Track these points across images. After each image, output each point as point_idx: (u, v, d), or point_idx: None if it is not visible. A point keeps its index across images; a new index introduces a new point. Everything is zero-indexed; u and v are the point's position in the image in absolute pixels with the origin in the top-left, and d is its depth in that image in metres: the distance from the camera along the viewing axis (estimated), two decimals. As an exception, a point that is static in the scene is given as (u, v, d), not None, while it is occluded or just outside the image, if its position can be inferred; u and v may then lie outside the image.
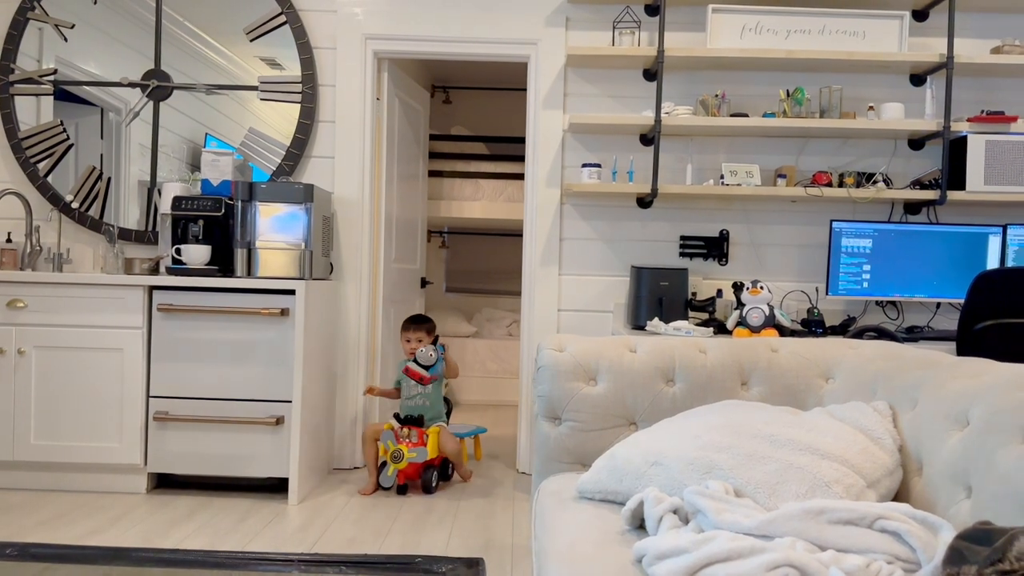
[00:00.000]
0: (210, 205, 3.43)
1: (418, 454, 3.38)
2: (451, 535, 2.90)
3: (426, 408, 3.56)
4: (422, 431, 3.44)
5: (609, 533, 1.47)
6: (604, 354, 2.01)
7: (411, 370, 3.52)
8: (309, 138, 3.85)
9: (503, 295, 6.62)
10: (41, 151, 3.83)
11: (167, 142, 3.87)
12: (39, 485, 3.32)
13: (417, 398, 3.56)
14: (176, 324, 3.29)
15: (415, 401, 3.56)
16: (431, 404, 3.57)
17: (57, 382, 3.26)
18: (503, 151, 6.03)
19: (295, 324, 3.25)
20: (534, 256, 3.82)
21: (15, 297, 3.25)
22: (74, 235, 3.87)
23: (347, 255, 3.86)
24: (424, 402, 3.56)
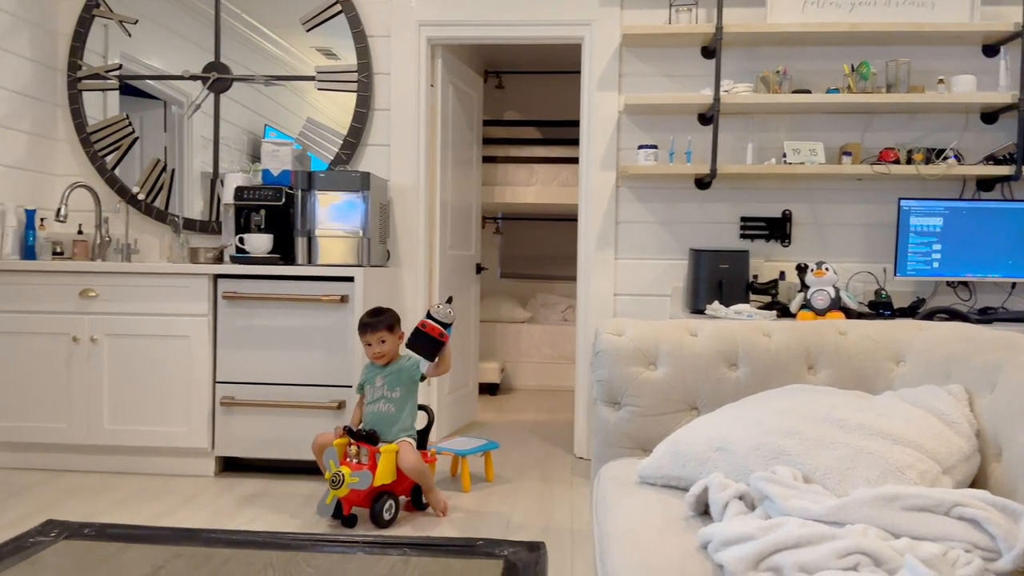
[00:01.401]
0: (271, 195, 3.49)
1: (360, 479, 2.67)
2: (511, 518, 2.91)
3: (389, 417, 2.91)
4: (375, 450, 2.75)
5: (672, 519, 1.45)
6: (664, 338, 1.98)
7: (429, 324, 2.90)
8: (365, 126, 3.88)
9: (558, 280, 6.60)
10: (108, 145, 3.95)
11: (228, 134, 3.95)
12: (113, 468, 3.44)
13: (380, 403, 2.93)
14: (240, 311, 3.36)
15: (377, 407, 2.93)
16: (396, 412, 2.92)
17: (128, 369, 3.37)
18: (556, 135, 5.99)
19: (354, 310, 3.30)
20: (589, 240, 3.79)
21: (87, 287, 3.37)
22: (141, 226, 3.98)
23: (403, 242, 3.89)
24: (388, 408, 2.92)
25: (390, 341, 2.96)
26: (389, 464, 2.75)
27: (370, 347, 2.95)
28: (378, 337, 2.94)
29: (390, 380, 2.94)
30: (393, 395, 2.93)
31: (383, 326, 2.94)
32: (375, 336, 2.93)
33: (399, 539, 1.55)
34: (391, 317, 2.99)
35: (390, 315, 2.99)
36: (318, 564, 1.41)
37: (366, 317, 2.97)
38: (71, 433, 3.38)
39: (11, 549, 1.42)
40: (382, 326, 2.94)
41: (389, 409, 2.93)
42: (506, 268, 6.73)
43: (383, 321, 2.95)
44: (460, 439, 3.50)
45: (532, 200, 5.71)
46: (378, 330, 2.94)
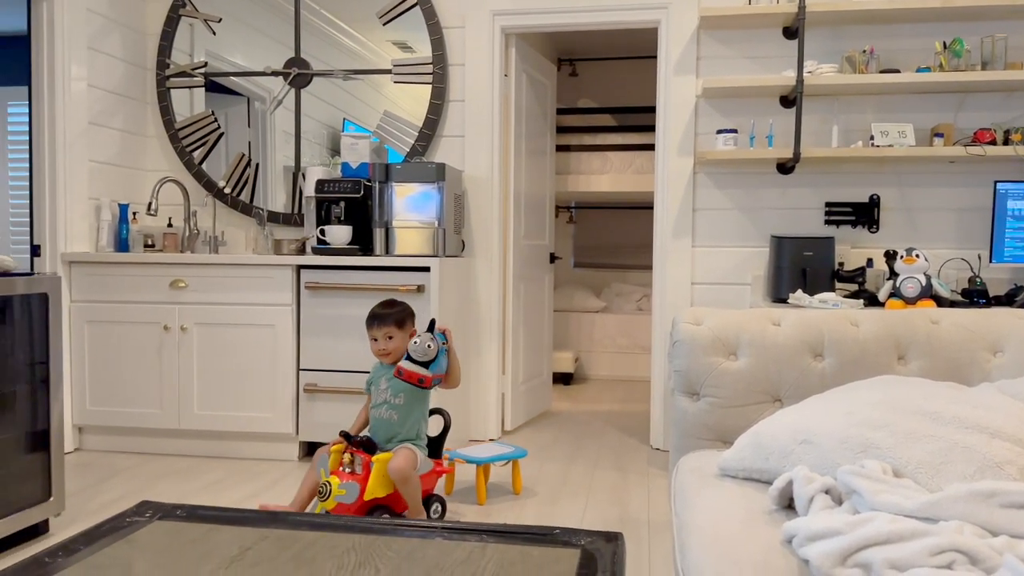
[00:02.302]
0: (350, 187, 3.56)
1: (348, 491, 2.43)
2: (586, 508, 2.91)
3: (391, 426, 2.60)
4: (369, 459, 2.49)
5: (754, 512, 1.42)
6: (745, 327, 1.94)
7: (405, 371, 2.54)
8: (440, 118, 3.91)
9: (632, 269, 6.52)
10: (195, 140, 4.10)
11: (308, 128, 4.05)
12: (202, 452, 3.58)
13: (383, 408, 2.61)
14: (321, 301, 3.45)
15: (379, 413, 2.62)
16: (400, 420, 2.60)
17: (216, 356, 3.50)
18: (631, 122, 5.91)
19: (430, 300, 3.33)
20: (666, 228, 3.73)
21: (177, 278, 3.51)
22: (227, 219, 4.12)
23: (478, 232, 3.91)
24: (391, 416, 2.60)
25: (398, 338, 2.65)
26: (382, 475, 2.47)
27: (375, 343, 2.66)
28: (385, 332, 2.65)
29: (395, 384, 2.61)
30: (397, 401, 2.60)
31: (392, 321, 2.66)
32: (382, 331, 2.65)
33: (477, 525, 1.56)
34: (403, 312, 2.70)
35: (402, 309, 2.71)
36: (398, 548, 1.43)
37: (375, 309, 2.71)
38: (163, 418, 3.53)
39: (109, 528, 1.49)
40: (391, 320, 2.65)
41: (392, 417, 2.60)
42: (579, 257, 6.70)
43: (393, 315, 2.67)
44: (487, 445, 3.12)
45: (606, 188, 5.66)
46: (386, 324, 2.65)
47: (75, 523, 2.68)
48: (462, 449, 3.04)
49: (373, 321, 2.66)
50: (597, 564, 1.42)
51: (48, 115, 3.50)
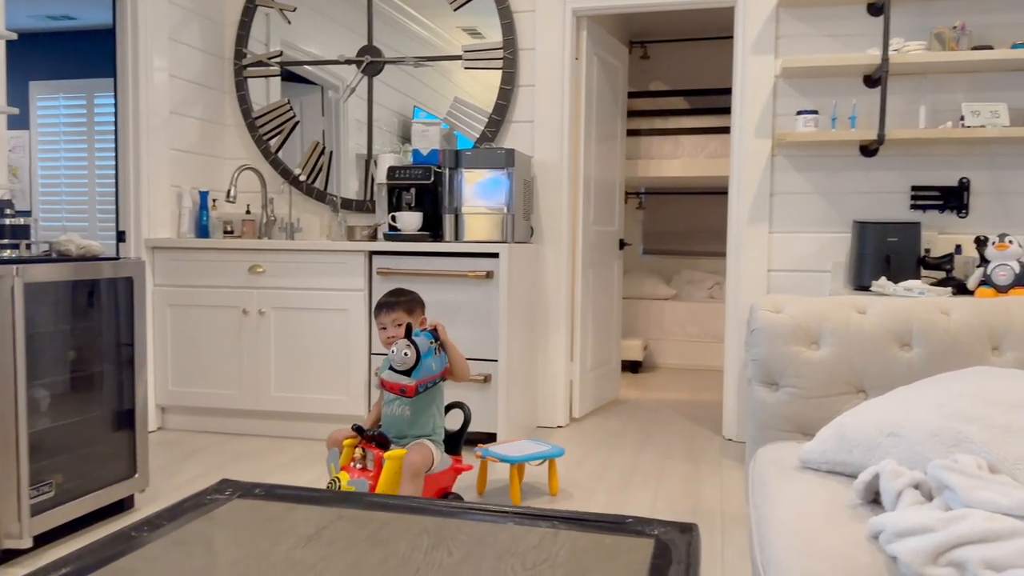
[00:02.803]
0: (420, 174, 3.58)
1: (357, 488, 2.34)
2: (656, 498, 2.87)
3: (403, 422, 2.49)
4: (381, 455, 2.36)
5: (838, 506, 1.36)
6: (827, 315, 1.86)
7: (386, 382, 2.39)
8: (510, 103, 3.89)
9: (704, 256, 6.40)
10: (272, 129, 4.19)
11: (379, 116, 4.09)
12: (278, 432, 3.68)
13: (395, 404, 2.50)
14: (392, 286, 3.47)
15: (391, 409, 2.51)
16: (412, 416, 2.48)
17: (292, 340, 3.58)
18: (705, 104, 5.77)
19: (499, 286, 3.33)
20: (741, 213, 3.63)
21: (255, 263, 3.60)
22: (302, 205, 4.20)
23: (547, 218, 3.88)
24: (403, 412, 2.48)
25: (409, 325, 2.49)
26: (393, 473, 2.33)
27: (384, 331, 2.52)
28: (393, 319, 2.51)
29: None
30: (407, 398, 2.45)
31: (401, 307, 2.52)
32: (390, 318, 2.51)
33: (548, 512, 1.55)
34: (413, 300, 2.57)
35: (412, 298, 2.57)
36: (470, 532, 1.43)
37: (383, 297, 2.58)
38: (241, 399, 3.63)
39: (191, 505, 1.53)
40: (400, 307, 2.52)
41: (403, 412, 2.48)
42: (649, 244, 6.60)
43: (402, 302, 2.54)
44: (522, 442, 2.95)
45: (678, 173, 5.55)
46: (395, 311, 2.51)
47: (158, 499, 2.78)
48: (494, 447, 2.85)
49: (381, 308, 2.54)
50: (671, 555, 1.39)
51: (132, 105, 3.62)
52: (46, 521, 2.28)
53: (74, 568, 1.20)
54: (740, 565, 2.29)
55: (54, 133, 6.05)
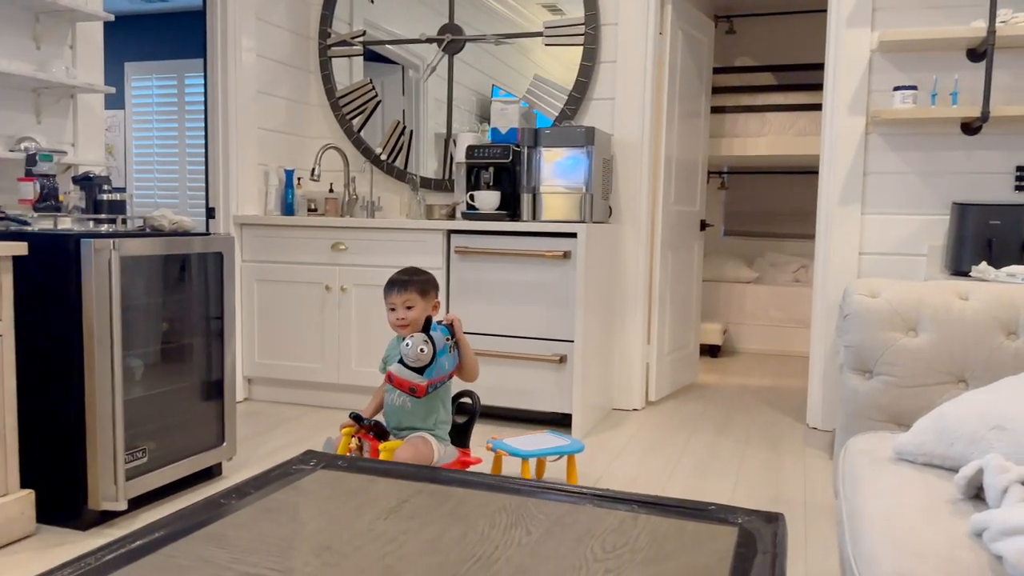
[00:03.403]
0: (499, 153, 3.57)
1: None
2: (736, 485, 2.80)
3: (404, 413, 2.34)
4: (377, 446, 2.25)
5: (937, 501, 1.29)
6: (927, 301, 1.77)
7: (395, 377, 2.21)
8: (590, 80, 3.83)
9: (789, 238, 6.20)
10: (354, 109, 4.24)
11: (457, 95, 4.09)
12: (359, 406, 3.74)
13: (395, 394, 2.33)
14: (470, 265, 3.49)
15: (392, 399, 2.35)
16: (413, 407, 2.32)
17: (373, 316, 3.64)
18: (794, 80, 5.56)
19: (576, 266, 3.30)
20: (831, 194, 3.49)
21: (338, 240, 3.66)
22: (383, 184, 4.25)
23: (625, 198, 3.82)
24: (403, 403, 2.33)
25: (419, 308, 2.33)
26: None
27: (393, 312, 2.34)
28: (404, 300, 2.32)
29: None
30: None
31: (414, 287, 2.34)
32: (401, 298, 2.33)
33: (628, 495, 1.52)
34: (426, 280, 2.39)
35: (427, 279, 2.39)
36: (548, 512, 1.42)
37: (395, 275, 2.40)
38: (323, 373, 3.72)
39: (277, 475, 1.57)
40: (412, 287, 2.34)
41: (404, 403, 2.32)
42: (731, 225, 6.44)
43: (415, 282, 2.35)
44: (540, 435, 2.72)
45: (763, 152, 5.37)
46: (406, 291, 2.33)
47: (244, 468, 2.87)
48: (510, 439, 2.64)
49: (392, 287, 2.35)
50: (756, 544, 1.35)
51: (221, 85, 3.72)
52: (140, 485, 2.39)
53: (168, 532, 1.25)
54: (824, 557, 2.22)
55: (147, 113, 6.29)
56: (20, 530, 2.19)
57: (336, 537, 1.26)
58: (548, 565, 1.19)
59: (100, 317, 2.22)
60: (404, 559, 1.19)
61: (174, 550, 1.18)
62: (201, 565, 1.13)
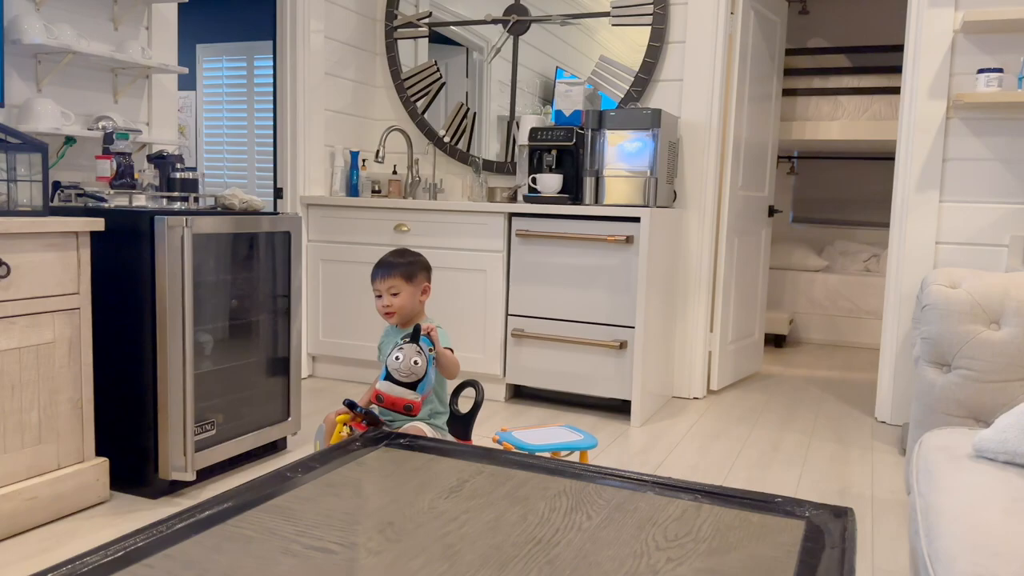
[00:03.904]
0: (562, 135, 3.53)
1: None
2: (800, 478, 2.74)
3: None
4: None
5: (1020, 500, 1.24)
6: (1011, 293, 1.68)
7: (386, 396, 1.96)
8: (658, 61, 3.76)
9: (860, 226, 6.00)
10: (419, 91, 4.26)
11: (521, 77, 4.06)
12: (418, 386, 3.78)
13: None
14: (531, 248, 3.48)
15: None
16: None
17: (433, 297, 3.66)
18: (869, 62, 5.36)
19: (639, 252, 3.25)
20: (908, 180, 3.36)
21: (400, 222, 3.69)
22: (446, 166, 4.27)
23: (691, 182, 3.75)
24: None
25: (405, 295, 2.16)
26: None
27: (379, 298, 2.18)
28: (388, 286, 2.15)
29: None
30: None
31: (398, 272, 2.16)
32: (385, 284, 2.16)
33: (691, 484, 1.50)
34: (414, 263, 2.19)
35: (413, 261, 2.20)
36: (608, 497, 1.41)
37: (382, 257, 2.24)
38: (384, 353, 3.77)
39: (341, 451, 1.59)
40: (396, 272, 2.16)
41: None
42: (799, 212, 6.26)
43: (398, 266, 2.17)
44: (550, 429, 2.45)
45: (836, 136, 5.20)
46: (391, 276, 2.16)
47: (308, 442, 2.93)
48: (520, 432, 2.40)
49: (376, 272, 2.19)
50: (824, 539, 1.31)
51: (290, 67, 3.77)
52: (208, 457, 2.46)
53: (235, 503, 1.28)
54: (892, 554, 2.15)
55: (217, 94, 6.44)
56: (95, 496, 2.28)
57: (398, 514, 1.27)
58: (609, 551, 1.18)
59: (172, 293, 2.29)
60: (465, 538, 1.19)
61: (241, 521, 1.21)
62: (268, 537, 1.15)
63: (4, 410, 2.01)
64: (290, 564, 1.07)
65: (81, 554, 1.06)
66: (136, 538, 1.12)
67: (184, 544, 1.12)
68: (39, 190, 2.15)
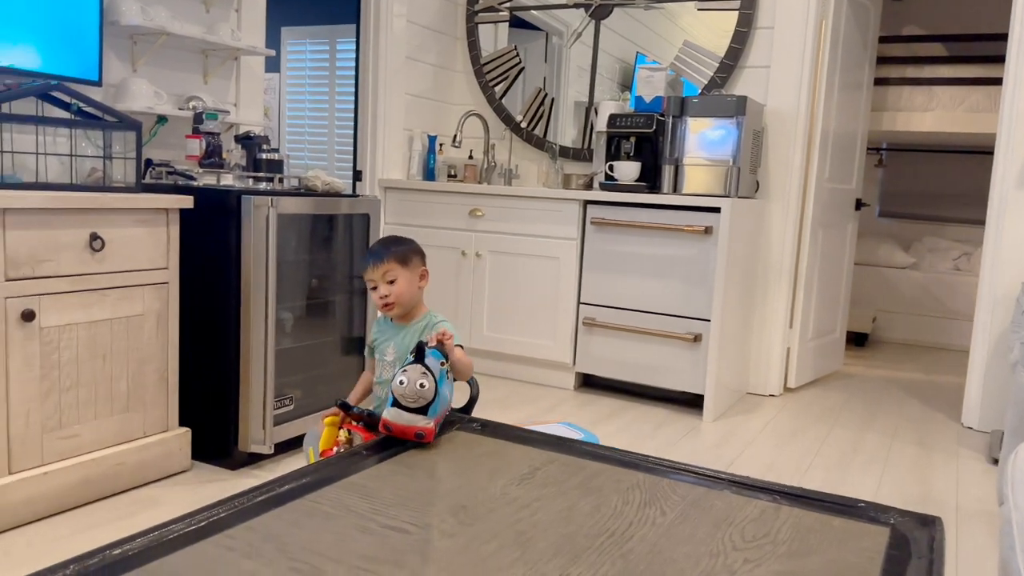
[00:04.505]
0: (642, 122, 3.47)
1: None
2: (881, 482, 2.64)
3: None
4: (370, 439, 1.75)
5: None
6: None
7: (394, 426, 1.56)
8: (744, 47, 3.65)
9: (952, 223, 5.73)
10: (498, 75, 4.25)
11: (601, 62, 4.01)
12: (487, 370, 3.81)
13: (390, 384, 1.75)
14: (605, 237, 3.44)
15: (384, 390, 1.92)
16: None
17: (505, 283, 3.67)
18: (968, 52, 5.10)
19: (718, 243, 3.18)
20: (1007, 175, 3.18)
21: (475, 207, 3.70)
22: (521, 152, 4.25)
23: (775, 172, 3.64)
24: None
25: (403, 281, 1.88)
26: None
27: (375, 290, 1.89)
28: (383, 273, 1.87)
29: (403, 352, 1.90)
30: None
31: (392, 257, 1.88)
32: (379, 271, 1.87)
33: (770, 484, 1.45)
34: (407, 247, 1.92)
35: (405, 244, 1.93)
36: (683, 493, 1.38)
37: (372, 245, 2.00)
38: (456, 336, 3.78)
39: (415, 430, 1.60)
40: (390, 257, 1.87)
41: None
42: (887, 206, 6.02)
43: (392, 250, 1.89)
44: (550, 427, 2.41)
45: (929, 128, 4.96)
46: (383, 262, 1.87)
47: (380, 421, 2.98)
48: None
49: (368, 260, 1.91)
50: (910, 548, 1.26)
51: (372, 50, 3.81)
52: (284, 431, 2.52)
53: (313, 479, 1.30)
54: (979, 568, 2.05)
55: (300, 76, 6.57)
56: (177, 464, 2.37)
57: (471, 498, 1.27)
58: (684, 548, 1.15)
59: (256, 270, 2.35)
60: (537, 526, 1.18)
61: (319, 497, 1.23)
62: (345, 513, 1.17)
63: (96, 378, 2.10)
64: (367, 542, 1.09)
65: (167, 521, 1.09)
66: (218, 509, 1.16)
67: (264, 517, 1.14)
68: (132, 167, 2.23)
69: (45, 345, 1.97)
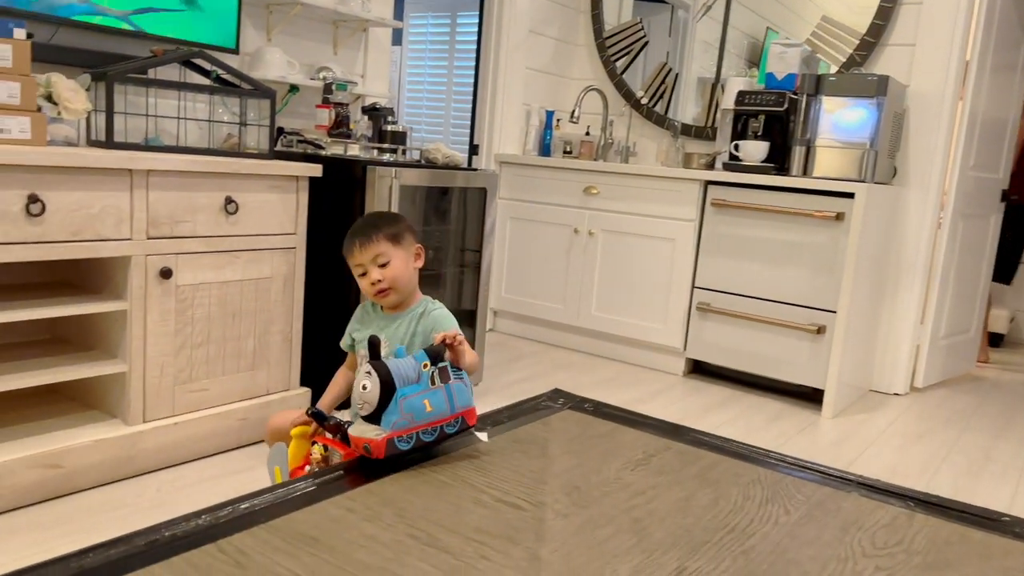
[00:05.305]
0: (773, 100, 3.32)
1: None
2: (1016, 494, 2.45)
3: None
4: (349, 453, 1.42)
5: None
6: None
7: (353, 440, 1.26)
8: (888, 23, 3.42)
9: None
10: (620, 50, 4.16)
11: (728, 37, 3.85)
12: (594, 350, 3.77)
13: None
14: (726, 220, 3.32)
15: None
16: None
17: (617, 263, 3.61)
18: None
19: (849, 230, 3.01)
20: None
21: (590, 184, 3.65)
22: (640, 129, 4.16)
23: (914, 157, 3.40)
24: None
25: (397, 261, 1.61)
26: None
27: (364, 277, 1.62)
28: (373, 255, 1.60)
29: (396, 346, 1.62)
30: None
31: (381, 236, 1.60)
32: (368, 254, 1.60)
33: (902, 489, 1.37)
34: (397, 224, 1.65)
35: (395, 221, 1.66)
36: (808, 493, 1.31)
37: (355, 224, 1.67)
38: (564, 314, 3.77)
39: (528, 408, 1.60)
40: (379, 236, 1.60)
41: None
42: (1036, 199, 5.54)
43: (381, 229, 1.61)
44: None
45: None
46: (372, 241, 1.60)
47: (488, 394, 3.00)
48: None
49: (353, 241, 1.62)
50: (1064, 572, 1.15)
51: (496, 23, 3.80)
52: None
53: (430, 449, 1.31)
54: None
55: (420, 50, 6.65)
56: (297, 421, 2.45)
57: (584, 480, 1.25)
58: (809, 550, 1.09)
59: (376, 239, 2.39)
60: (653, 514, 1.15)
61: (435, 465, 1.24)
62: (461, 485, 1.18)
63: (225, 336, 2.21)
64: (481, 514, 1.09)
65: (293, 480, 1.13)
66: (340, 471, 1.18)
67: (383, 481, 1.16)
68: (266, 135, 2.30)
69: (180, 302, 2.07)
